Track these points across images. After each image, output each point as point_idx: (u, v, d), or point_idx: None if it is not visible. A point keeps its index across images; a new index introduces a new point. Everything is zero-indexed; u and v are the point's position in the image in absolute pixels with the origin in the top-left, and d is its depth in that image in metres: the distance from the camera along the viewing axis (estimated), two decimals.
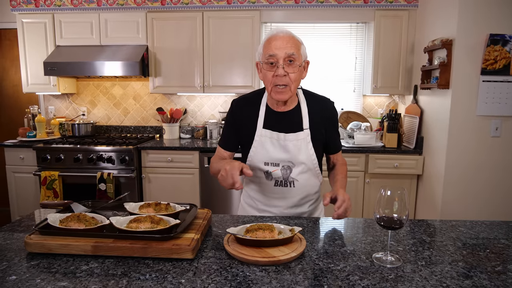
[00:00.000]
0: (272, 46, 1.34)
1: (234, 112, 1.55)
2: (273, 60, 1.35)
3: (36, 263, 1.00)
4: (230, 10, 3.47)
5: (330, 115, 1.53)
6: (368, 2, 3.39)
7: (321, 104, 1.52)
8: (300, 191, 1.49)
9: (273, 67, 1.35)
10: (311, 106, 1.49)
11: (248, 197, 1.61)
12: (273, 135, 1.46)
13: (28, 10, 3.57)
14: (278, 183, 1.48)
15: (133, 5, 3.51)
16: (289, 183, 1.47)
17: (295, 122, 1.47)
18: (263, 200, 1.53)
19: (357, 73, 3.79)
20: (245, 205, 1.63)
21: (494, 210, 2.77)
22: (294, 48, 1.35)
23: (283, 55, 1.33)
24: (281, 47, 1.33)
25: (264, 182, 1.49)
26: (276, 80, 1.36)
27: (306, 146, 1.46)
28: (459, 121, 2.69)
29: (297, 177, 1.47)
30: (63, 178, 3.28)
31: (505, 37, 2.55)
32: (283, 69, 1.34)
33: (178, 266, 0.98)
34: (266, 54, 1.36)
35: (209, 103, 3.95)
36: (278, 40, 1.35)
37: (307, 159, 1.46)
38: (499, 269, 0.99)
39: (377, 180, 3.24)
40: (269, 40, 1.37)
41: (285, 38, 1.35)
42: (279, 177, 1.47)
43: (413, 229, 1.30)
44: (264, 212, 1.53)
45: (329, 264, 1.00)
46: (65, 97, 4.04)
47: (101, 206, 1.37)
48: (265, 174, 1.48)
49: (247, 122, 1.51)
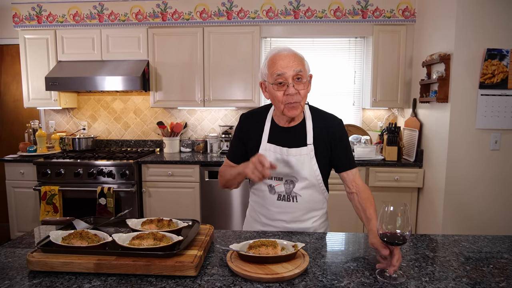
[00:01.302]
0: (279, 66, 1.35)
1: (241, 126, 1.58)
2: (281, 79, 1.35)
3: (38, 282, 0.99)
4: (230, 26, 3.52)
5: (336, 131, 1.49)
6: (366, 18, 3.45)
7: (327, 121, 1.51)
8: (303, 206, 1.49)
9: (283, 86, 1.36)
10: (316, 122, 1.50)
11: (253, 211, 1.62)
12: (277, 150, 1.47)
13: (30, 27, 3.62)
14: (281, 198, 1.48)
15: (134, 21, 3.56)
16: (291, 197, 1.47)
17: (299, 137, 1.48)
18: (266, 214, 1.53)
19: (356, 86, 3.82)
20: (250, 219, 1.64)
21: (494, 223, 2.76)
22: (300, 65, 1.37)
23: (292, 73, 1.35)
24: (288, 65, 1.35)
25: (267, 196, 1.50)
26: (287, 98, 1.36)
27: (310, 162, 1.45)
28: (458, 135, 2.71)
29: (300, 192, 1.47)
30: (63, 193, 3.27)
31: (502, 52, 2.59)
32: (293, 87, 1.35)
33: (181, 284, 0.98)
34: (274, 74, 1.36)
35: (209, 117, 3.97)
36: (284, 60, 1.36)
37: (310, 174, 1.45)
38: (503, 285, 0.98)
39: (378, 193, 3.24)
40: (273, 60, 1.38)
41: (290, 56, 1.37)
42: (282, 191, 1.48)
43: (415, 244, 1.29)
44: (267, 226, 1.53)
45: (333, 281, 1.00)
46: (65, 112, 4.06)
47: (103, 223, 1.37)
48: (268, 188, 1.49)
49: (253, 136, 1.53)
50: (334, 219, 3.20)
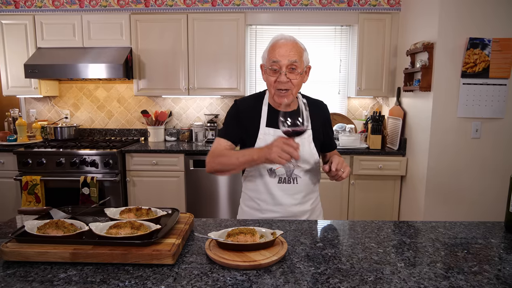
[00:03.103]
0: (276, 53, 1.40)
1: (238, 109, 1.57)
2: (276, 66, 1.41)
3: (12, 272, 0.97)
4: (214, 13, 3.47)
5: (326, 115, 1.64)
6: (352, 5, 3.43)
7: (317, 106, 1.60)
8: (303, 187, 1.53)
9: (276, 73, 1.42)
10: (311, 108, 1.51)
11: (249, 200, 1.60)
12: (277, 133, 1.47)
13: (7, 11, 3.50)
14: (281, 180, 1.51)
15: (116, 6, 3.48)
16: (292, 179, 1.51)
17: None
18: (267, 199, 1.54)
19: (341, 75, 3.82)
20: (246, 208, 1.62)
21: (474, 210, 2.83)
22: (296, 56, 1.40)
23: (286, 63, 1.39)
24: (284, 54, 1.39)
25: (268, 180, 1.52)
26: (278, 85, 1.42)
27: (309, 146, 1.53)
28: (440, 123, 2.74)
29: (300, 174, 1.51)
30: (45, 183, 3.22)
31: (484, 41, 2.62)
32: (285, 75, 1.39)
33: (158, 272, 0.97)
34: (270, 60, 1.42)
35: (194, 105, 3.94)
36: (282, 47, 1.40)
37: (310, 157, 1.52)
38: (475, 269, 1.01)
39: (362, 181, 3.28)
40: (273, 46, 1.43)
41: (289, 45, 1.41)
42: (283, 174, 1.51)
43: (394, 230, 1.31)
44: (268, 212, 1.54)
45: (310, 267, 1.01)
46: (47, 100, 3.97)
47: (81, 212, 1.35)
48: (268, 172, 1.51)
49: (250, 121, 1.53)
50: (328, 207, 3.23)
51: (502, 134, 2.74)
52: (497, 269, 1.01)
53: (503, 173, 2.77)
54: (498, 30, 2.62)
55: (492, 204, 2.79)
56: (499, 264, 1.04)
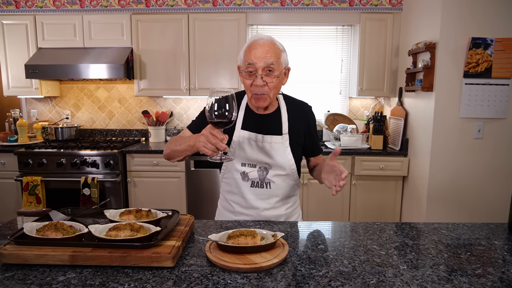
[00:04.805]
0: (252, 55, 1.33)
1: None
2: (252, 69, 1.34)
3: (10, 275, 0.97)
4: (216, 13, 3.46)
5: (309, 119, 1.54)
6: (354, 5, 3.42)
7: (300, 109, 1.53)
8: (276, 192, 1.49)
9: (252, 76, 1.35)
10: (290, 111, 1.50)
11: (224, 200, 1.60)
12: (251, 136, 1.45)
13: (8, 12, 3.50)
14: (254, 184, 1.48)
15: (117, 6, 3.47)
16: (265, 184, 1.47)
17: (274, 125, 1.48)
18: (240, 202, 1.51)
19: (343, 75, 3.81)
20: (222, 209, 1.62)
21: (477, 210, 2.81)
22: (273, 57, 1.33)
23: (262, 65, 1.32)
24: (260, 56, 1.32)
25: (240, 183, 1.49)
26: (254, 89, 1.36)
27: (284, 151, 1.46)
28: (442, 123, 2.73)
29: (273, 179, 1.47)
30: (46, 183, 3.21)
31: (486, 41, 2.60)
32: (261, 79, 1.33)
33: (158, 275, 0.96)
34: (246, 62, 1.35)
35: (195, 105, 3.93)
36: (258, 49, 1.33)
37: (285, 163, 1.46)
38: (479, 272, 0.99)
39: (364, 182, 3.26)
40: (249, 47, 1.36)
41: (266, 46, 1.33)
42: (256, 178, 1.47)
43: (396, 232, 1.30)
44: (241, 215, 1.52)
45: (311, 270, 1.00)
46: (48, 101, 3.97)
47: (80, 214, 1.34)
48: (241, 175, 1.48)
49: None
50: (318, 209, 3.22)
51: (505, 134, 2.72)
52: (501, 272, 1.00)
53: (506, 173, 2.75)
54: (500, 29, 2.61)
55: (495, 205, 2.78)
56: (503, 266, 1.03)
